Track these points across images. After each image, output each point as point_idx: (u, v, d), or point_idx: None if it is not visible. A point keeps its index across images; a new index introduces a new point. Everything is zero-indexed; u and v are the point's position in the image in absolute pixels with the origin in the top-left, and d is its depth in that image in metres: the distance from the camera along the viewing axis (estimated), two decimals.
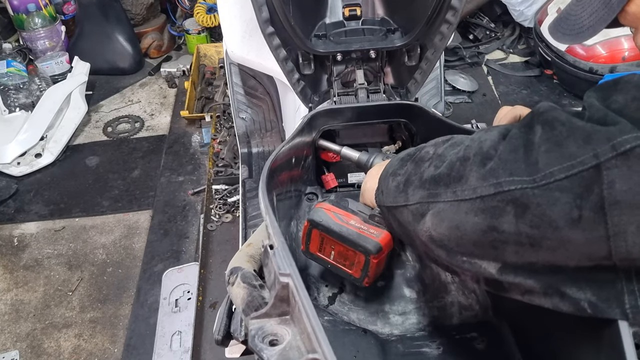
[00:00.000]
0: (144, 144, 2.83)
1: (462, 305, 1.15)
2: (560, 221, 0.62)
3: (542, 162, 0.63)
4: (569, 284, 0.66)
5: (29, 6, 3.08)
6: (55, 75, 3.05)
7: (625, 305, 0.63)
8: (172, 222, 2.37)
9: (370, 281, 1.04)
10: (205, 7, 3.28)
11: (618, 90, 0.65)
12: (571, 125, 0.63)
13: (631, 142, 0.58)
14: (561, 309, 0.68)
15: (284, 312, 0.74)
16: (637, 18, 0.77)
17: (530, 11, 3.08)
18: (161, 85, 3.28)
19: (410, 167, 0.82)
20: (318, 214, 1.06)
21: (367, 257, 1.00)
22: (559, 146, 0.63)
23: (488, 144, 0.70)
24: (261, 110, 1.97)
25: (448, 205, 0.72)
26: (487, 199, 0.67)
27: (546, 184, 0.62)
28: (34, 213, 2.45)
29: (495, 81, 3.13)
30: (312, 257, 1.11)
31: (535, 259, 0.67)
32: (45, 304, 2.08)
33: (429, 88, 1.92)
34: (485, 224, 0.67)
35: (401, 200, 0.81)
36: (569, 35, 0.87)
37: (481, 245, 0.70)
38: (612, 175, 0.58)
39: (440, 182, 0.74)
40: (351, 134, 1.42)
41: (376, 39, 1.42)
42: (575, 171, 0.60)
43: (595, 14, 0.81)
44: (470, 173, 0.70)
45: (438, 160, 0.77)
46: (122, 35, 3.27)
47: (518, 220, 0.64)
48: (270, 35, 1.31)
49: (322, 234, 1.06)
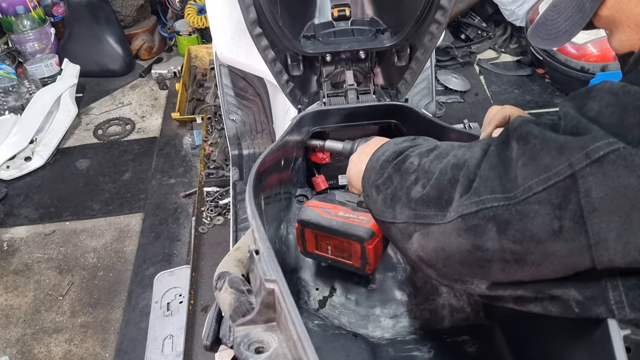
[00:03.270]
0: (134, 147, 2.81)
1: (453, 308, 1.15)
2: (542, 234, 0.62)
3: (520, 177, 0.63)
4: (554, 286, 0.67)
5: (18, 8, 3.05)
6: (45, 78, 3.02)
7: (610, 301, 0.64)
8: (164, 224, 2.35)
9: (371, 268, 1.03)
10: (196, 9, 3.26)
11: (592, 97, 0.65)
12: (544, 138, 0.63)
13: (604, 148, 0.58)
14: (551, 311, 0.68)
15: (270, 318, 0.73)
16: (610, 21, 0.78)
17: (521, 10, 3.08)
18: (152, 87, 3.26)
19: (396, 179, 0.81)
20: (306, 212, 1.06)
21: (362, 245, 1.00)
22: (534, 159, 0.63)
23: (473, 162, 0.70)
24: (252, 112, 1.96)
25: (435, 227, 0.72)
26: (469, 218, 0.67)
27: (525, 198, 0.62)
28: (24, 217, 2.42)
29: (488, 81, 3.13)
30: (312, 256, 1.10)
31: (521, 276, 0.67)
32: (35, 309, 2.06)
33: (420, 88, 1.91)
34: (470, 243, 0.68)
35: (389, 216, 0.81)
36: (547, 40, 0.87)
37: (468, 265, 0.70)
38: (587, 183, 0.58)
39: (430, 204, 0.73)
40: (341, 135, 1.40)
41: (365, 39, 1.41)
42: (551, 182, 0.61)
43: (571, 18, 0.82)
44: (456, 194, 0.70)
45: (425, 176, 0.76)
46: (112, 37, 3.25)
47: (501, 237, 0.65)
48: (258, 37, 1.30)
49: (315, 231, 1.05)
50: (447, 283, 0.78)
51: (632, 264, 0.60)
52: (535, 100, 2.95)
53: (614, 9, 0.76)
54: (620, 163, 0.57)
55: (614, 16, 0.77)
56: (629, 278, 0.63)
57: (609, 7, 0.76)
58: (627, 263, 0.60)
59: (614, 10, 0.76)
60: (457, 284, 0.75)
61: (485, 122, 1.14)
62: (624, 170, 0.57)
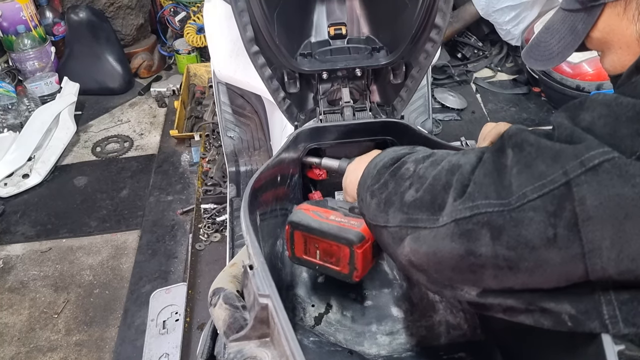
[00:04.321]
0: (133, 164, 2.82)
1: (450, 325, 1.14)
2: (535, 241, 0.62)
3: (515, 184, 0.63)
4: (546, 299, 0.66)
5: (19, 28, 3.07)
6: (45, 96, 3.04)
7: (604, 316, 0.63)
8: (161, 242, 2.34)
9: (359, 275, 1.00)
10: (195, 28, 3.30)
11: (585, 108, 0.66)
12: (539, 146, 0.64)
13: (599, 157, 0.58)
14: (543, 324, 0.68)
15: (263, 334, 0.73)
16: (602, 43, 0.79)
17: (517, 30, 3.11)
18: (151, 104, 3.28)
19: (391, 185, 0.81)
20: (297, 214, 1.05)
21: (352, 249, 0.98)
22: (529, 167, 0.63)
23: (468, 168, 0.71)
24: (249, 129, 1.97)
25: (427, 231, 0.71)
26: (463, 222, 0.67)
27: (520, 205, 0.62)
28: (20, 234, 2.42)
29: (484, 99, 3.15)
30: (300, 262, 1.09)
31: (513, 283, 0.67)
32: (30, 327, 2.04)
33: (417, 106, 1.93)
34: (463, 248, 0.67)
35: (381, 220, 0.80)
36: (541, 61, 0.89)
37: (460, 271, 0.70)
38: (582, 191, 0.59)
39: (422, 208, 0.73)
40: (337, 152, 1.41)
41: (361, 57, 1.43)
42: (546, 190, 0.61)
43: (563, 40, 0.83)
44: (450, 199, 0.70)
45: (419, 182, 0.76)
46: (112, 56, 3.27)
47: (494, 243, 0.64)
48: (255, 54, 1.32)
49: (305, 234, 1.04)
50: (437, 289, 0.76)
51: (624, 274, 0.60)
52: (531, 118, 2.97)
53: (605, 31, 0.78)
54: (614, 172, 0.58)
55: (606, 38, 0.78)
56: (622, 292, 0.63)
57: (600, 29, 0.78)
58: (620, 272, 0.60)
59: (605, 32, 0.78)
60: (447, 290, 0.74)
61: (480, 139, 1.15)
62: (619, 179, 0.58)
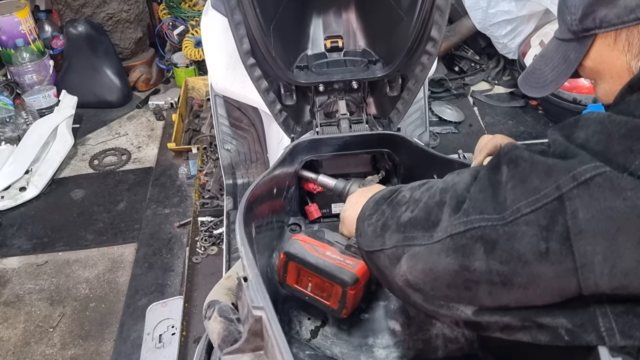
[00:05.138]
0: (130, 177, 2.81)
1: (447, 338, 1.13)
2: (528, 255, 0.62)
3: (510, 199, 0.64)
4: (542, 314, 0.66)
5: (18, 41, 3.09)
6: (43, 109, 3.04)
7: (600, 328, 0.63)
8: (157, 255, 2.33)
9: (348, 312, 1.03)
10: (193, 42, 3.32)
11: (579, 126, 0.66)
12: (533, 161, 0.65)
13: (590, 171, 0.59)
14: (540, 340, 0.68)
15: (258, 347, 0.72)
16: (594, 72, 0.81)
17: (513, 43, 3.13)
18: (149, 117, 3.28)
19: (388, 211, 0.82)
20: (294, 246, 1.05)
21: (344, 289, 0.99)
22: (523, 182, 0.64)
23: (462, 186, 0.72)
24: (246, 142, 1.97)
25: (423, 247, 0.72)
26: (457, 237, 0.67)
27: (514, 219, 0.63)
28: (17, 247, 2.40)
29: (481, 112, 3.16)
30: (290, 290, 1.09)
31: (508, 301, 0.67)
32: (25, 341, 2.02)
33: (414, 119, 1.93)
34: (457, 263, 0.68)
35: (378, 244, 0.81)
36: (536, 88, 0.91)
37: (455, 287, 0.70)
38: (574, 205, 0.59)
39: (418, 226, 0.74)
40: (334, 164, 1.41)
41: (358, 69, 1.44)
42: (539, 204, 0.62)
43: (557, 68, 0.85)
44: (444, 215, 0.71)
45: (414, 204, 0.78)
46: (110, 69, 3.28)
47: (488, 257, 0.65)
48: (252, 67, 1.32)
49: (299, 266, 1.04)
50: (433, 309, 0.76)
51: (617, 290, 0.60)
52: (528, 131, 2.98)
53: (596, 61, 0.79)
54: (606, 186, 0.58)
55: (597, 68, 0.80)
56: (616, 305, 0.62)
57: (592, 58, 0.80)
58: (612, 287, 0.60)
59: (597, 62, 0.79)
60: (443, 309, 0.74)
61: (477, 151, 1.15)
62: (610, 193, 0.58)
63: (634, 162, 0.59)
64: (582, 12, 0.76)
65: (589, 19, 0.75)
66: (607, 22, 0.73)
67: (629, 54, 0.73)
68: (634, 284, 0.59)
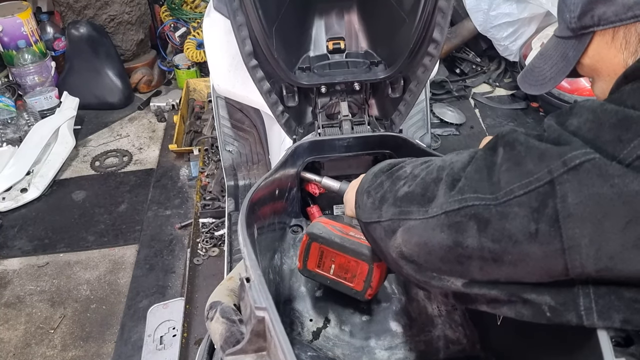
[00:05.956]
0: (131, 178, 2.81)
1: (449, 339, 1.13)
2: (519, 235, 0.64)
3: (504, 181, 0.67)
4: (529, 290, 0.69)
5: (19, 43, 3.09)
6: (44, 110, 3.04)
7: (579, 307, 0.66)
8: (159, 256, 2.33)
9: (372, 293, 1.03)
10: (195, 43, 3.32)
11: (573, 114, 0.69)
12: (528, 145, 0.67)
13: (580, 157, 0.61)
14: (523, 314, 0.70)
15: (260, 347, 0.72)
16: (592, 69, 0.83)
17: (515, 46, 3.13)
18: (150, 119, 3.28)
19: (387, 185, 0.85)
20: (317, 227, 1.06)
21: (371, 265, 1.00)
22: (518, 165, 0.66)
23: (459, 165, 0.75)
24: (248, 143, 1.97)
25: (418, 222, 0.75)
26: (452, 214, 0.70)
27: (506, 200, 0.65)
28: (17, 249, 2.40)
29: (483, 114, 3.16)
30: (310, 275, 1.09)
31: (498, 275, 0.70)
32: (25, 343, 2.02)
33: (415, 120, 1.93)
34: (451, 239, 0.70)
35: (375, 216, 0.84)
36: (535, 86, 0.92)
37: (448, 261, 0.73)
38: (564, 189, 0.61)
39: (414, 201, 0.77)
40: (336, 166, 1.41)
41: (360, 71, 1.44)
42: (532, 187, 0.64)
43: (555, 66, 0.87)
44: (440, 192, 0.73)
45: (412, 180, 0.81)
46: (112, 71, 3.29)
47: (480, 235, 0.67)
48: (254, 68, 1.32)
49: (322, 246, 1.04)
50: (425, 280, 0.79)
51: (602, 272, 0.62)
52: None
53: (594, 59, 0.81)
54: (594, 172, 0.60)
55: (595, 65, 0.82)
56: (600, 287, 0.65)
57: (590, 56, 0.81)
58: (598, 270, 0.62)
59: (595, 59, 0.81)
60: (434, 280, 0.77)
61: None
62: (598, 179, 0.60)
63: (623, 150, 0.61)
64: (581, 10, 0.78)
65: (587, 16, 0.77)
66: (605, 19, 0.75)
67: (626, 51, 0.75)
68: (619, 267, 0.61)
